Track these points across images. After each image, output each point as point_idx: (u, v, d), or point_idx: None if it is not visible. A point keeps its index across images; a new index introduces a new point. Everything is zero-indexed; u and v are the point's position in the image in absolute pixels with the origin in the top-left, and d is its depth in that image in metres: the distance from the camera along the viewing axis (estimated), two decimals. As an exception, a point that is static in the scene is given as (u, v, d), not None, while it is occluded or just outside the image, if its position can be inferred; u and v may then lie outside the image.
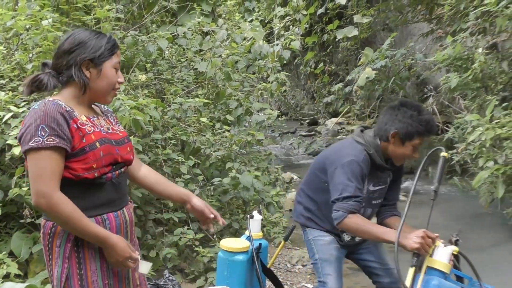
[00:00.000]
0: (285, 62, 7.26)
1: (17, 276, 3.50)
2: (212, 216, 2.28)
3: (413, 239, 2.27)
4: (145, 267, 2.05)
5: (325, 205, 2.83)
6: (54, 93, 2.07)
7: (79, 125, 1.89)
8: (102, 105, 2.18)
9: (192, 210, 2.30)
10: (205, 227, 2.35)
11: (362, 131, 2.89)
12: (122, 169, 2.04)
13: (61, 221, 1.85)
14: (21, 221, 3.66)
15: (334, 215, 2.63)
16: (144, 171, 2.30)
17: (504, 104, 6.32)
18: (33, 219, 3.60)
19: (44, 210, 1.84)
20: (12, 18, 4.21)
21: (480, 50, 6.62)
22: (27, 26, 4.31)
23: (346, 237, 2.94)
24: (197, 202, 2.29)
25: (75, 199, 1.88)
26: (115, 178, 1.99)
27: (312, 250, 2.97)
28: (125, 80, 4.69)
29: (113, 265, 1.95)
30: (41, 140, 1.79)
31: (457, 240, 2.93)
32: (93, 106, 2.11)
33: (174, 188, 2.34)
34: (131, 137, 3.60)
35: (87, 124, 1.92)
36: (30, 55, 4.34)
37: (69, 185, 1.89)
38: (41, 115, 1.83)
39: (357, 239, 2.95)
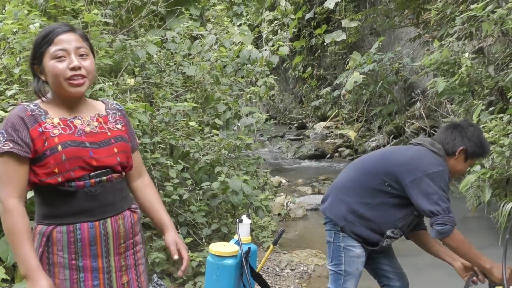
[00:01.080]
0: (273, 66, 7.27)
1: (4, 280, 3.46)
2: (175, 257, 2.07)
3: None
4: None
5: (380, 205, 2.79)
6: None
7: (44, 129, 1.81)
8: (111, 102, 2.10)
9: (166, 242, 2.14)
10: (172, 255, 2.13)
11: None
12: (105, 177, 1.90)
13: (4, 230, 1.79)
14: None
15: (441, 228, 2.60)
16: (137, 184, 2.15)
17: (490, 109, 6.39)
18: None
19: None
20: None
21: (466, 54, 6.70)
22: (14, 30, 4.29)
23: (385, 243, 2.92)
24: (169, 238, 2.11)
25: (46, 205, 1.86)
26: (89, 187, 1.86)
27: (339, 259, 2.88)
28: (113, 84, 4.68)
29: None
30: None
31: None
32: (94, 102, 2.04)
33: (157, 214, 2.16)
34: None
35: (57, 127, 1.84)
36: (18, 59, 4.31)
37: (39, 191, 1.86)
38: (4, 121, 1.82)
39: (386, 243, 2.94)
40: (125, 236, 1.96)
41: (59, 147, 1.80)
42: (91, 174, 1.86)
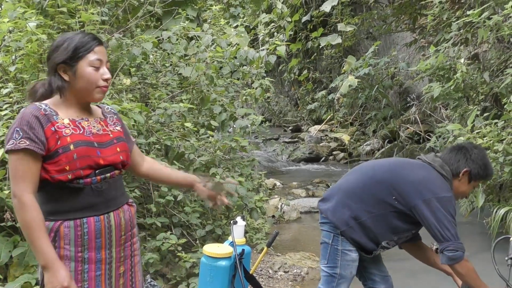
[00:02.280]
0: (270, 68, 7.28)
1: (-4, 279, 3.46)
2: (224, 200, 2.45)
3: None
4: None
5: (382, 217, 2.80)
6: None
7: (57, 128, 1.93)
8: (106, 106, 2.24)
9: (200, 191, 2.44)
10: (212, 205, 2.50)
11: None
12: (108, 174, 2.03)
13: (21, 224, 1.90)
14: (1, 224, 3.62)
15: (452, 254, 2.63)
16: (147, 166, 2.35)
17: (485, 114, 6.41)
18: (13, 223, 3.56)
19: (14, 210, 1.90)
20: (-5, 20, 4.18)
21: (462, 60, 6.72)
22: (10, 29, 4.28)
23: (378, 251, 2.95)
24: (204, 189, 2.43)
25: (53, 201, 1.96)
26: (96, 184, 1.99)
27: (335, 262, 2.89)
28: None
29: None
30: (15, 142, 1.87)
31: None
32: (93, 106, 2.15)
33: (179, 174, 2.52)
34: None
35: (68, 127, 1.96)
36: (13, 57, 4.30)
37: (48, 187, 1.94)
38: (18, 119, 1.92)
39: (379, 252, 2.96)
40: (125, 228, 2.11)
41: (71, 146, 1.93)
42: (97, 171, 1.99)
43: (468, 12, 6.09)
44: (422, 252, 3.15)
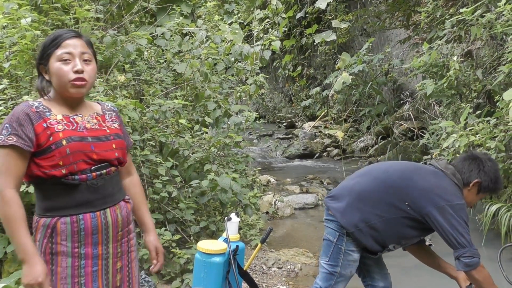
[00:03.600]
0: (264, 64, 7.28)
1: (-9, 276, 3.47)
2: (154, 261, 2.35)
3: None
4: None
5: (392, 221, 2.79)
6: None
7: (49, 124, 1.94)
8: (106, 104, 2.26)
9: (144, 244, 2.37)
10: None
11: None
12: (104, 171, 2.04)
13: (2, 218, 1.91)
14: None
15: (469, 261, 2.63)
16: (126, 183, 2.31)
17: (477, 112, 6.45)
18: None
19: None
20: (-11, 16, 4.17)
21: (455, 57, 6.75)
22: (4, 24, 4.27)
23: (384, 253, 2.97)
24: (150, 242, 2.35)
25: (49, 198, 1.98)
26: (91, 180, 2.00)
27: (337, 261, 2.90)
28: (103, 80, 4.67)
29: (24, 285, 1.94)
30: (3, 138, 1.89)
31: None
32: (91, 103, 2.18)
33: (142, 216, 2.35)
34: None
35: (60, 123, 1.97)
36: (7, 53, 4.30)
37: (43, 184, 1.97)
38: (9, 115, 1.95)
39: (383, 253, 2.98)
40: (122, 224, 2.12)
41: (64, 142, 1.93)
42: (92, 168, 2.00)
43: (461, 10, 6.12)
44: (426, 255, 3.15)
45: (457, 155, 5.71)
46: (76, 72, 1.98)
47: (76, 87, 1.99)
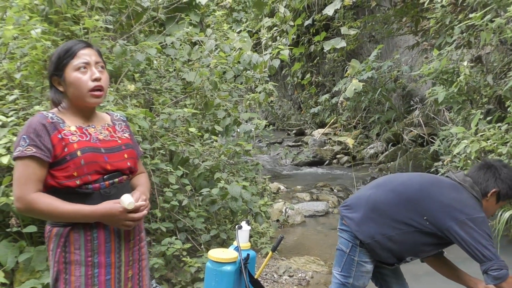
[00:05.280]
0: (273, 72, 7.29)
1: (3, 284, 3.47)
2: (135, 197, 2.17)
3: None
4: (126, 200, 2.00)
5: (410, 234, 2.75)
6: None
7: (63, 135, 1.97)
8: (115, 114, 2.27)
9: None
10: None
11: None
12: (117, 179, 2.07)
13: (44, 215, 1.94)
14: (7, 230, 3.64)
15: (498, 273, 2.57)
16: (134, 179, 2.29)
17: (488, 118, 6.41)
18: (19, 228, 3.58)
19: (23, 212, 1.94)
20: (0, 27, 4.21)
21: (465, 63, 6.71)
22: (15, 35, 4.31)
23: (400, 264, 2.95)
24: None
25: None
26: (104, 189, 2.02)
27: (350, 272, 2.87)
28: (113, 90, 4.69)
29: (117, 228, 2.03)
30: (22, 149, 1.91)
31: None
32: (101, 113, 2.20)
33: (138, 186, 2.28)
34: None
35: (74, 134, 2.00)
36: (18, 64, 4.33)
37: (56, 194, 1.96)
38: (25, 127, 1.96)
39: (402, 264, 2.95)
40: (134, 232, 2.14)
41: (78, 153, 1.97)
42: (105, 176, 2.03)
43: (470, 15, 6.09)
44: (445, 266, 3.10)
45: (468, 161, 5.68)
46: (95, 80, 2.01)
47: (95, 97, 2.03)
